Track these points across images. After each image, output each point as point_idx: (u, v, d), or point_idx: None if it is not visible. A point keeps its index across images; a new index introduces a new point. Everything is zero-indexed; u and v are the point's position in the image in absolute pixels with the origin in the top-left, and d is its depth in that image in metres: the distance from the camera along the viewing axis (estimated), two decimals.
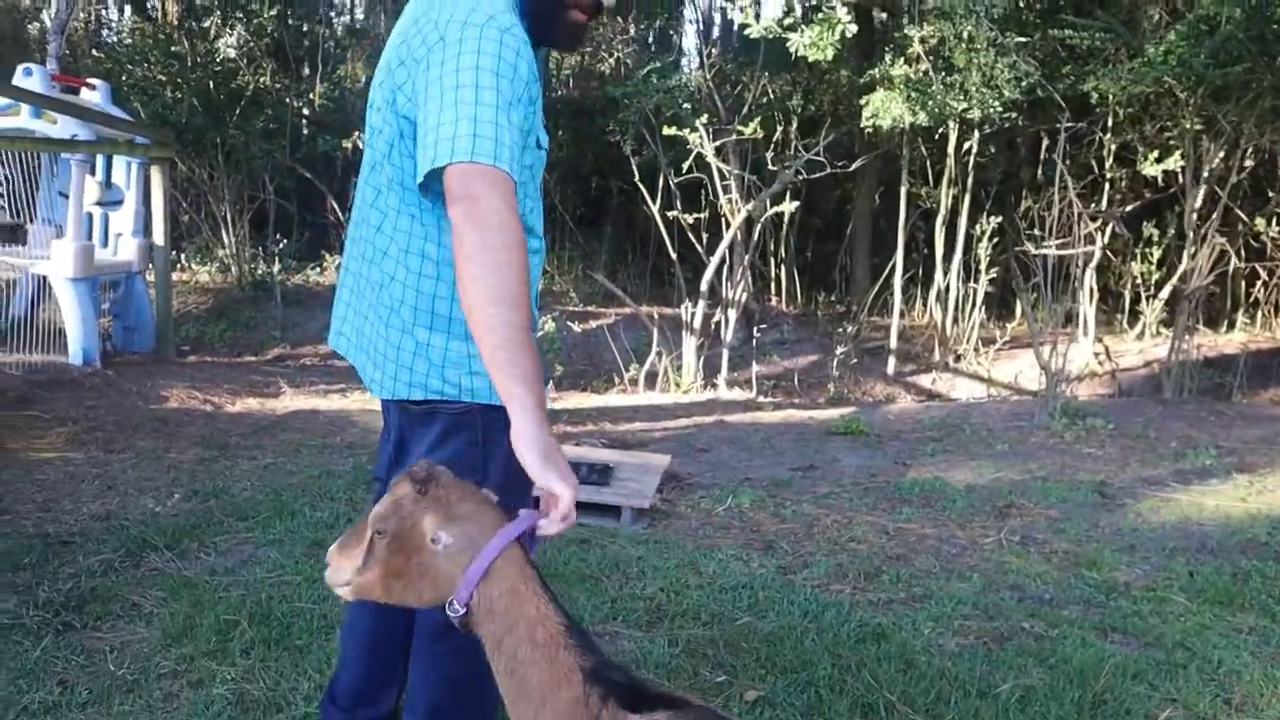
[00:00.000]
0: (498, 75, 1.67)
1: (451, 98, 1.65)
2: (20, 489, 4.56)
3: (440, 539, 1.48)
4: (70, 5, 9.71)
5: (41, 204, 7.87)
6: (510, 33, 1.72)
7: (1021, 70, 8.68)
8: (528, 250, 1.67)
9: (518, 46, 1.72)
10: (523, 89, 1.72)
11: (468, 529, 1.48)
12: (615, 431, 6.38)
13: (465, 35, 1.69)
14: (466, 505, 1.51)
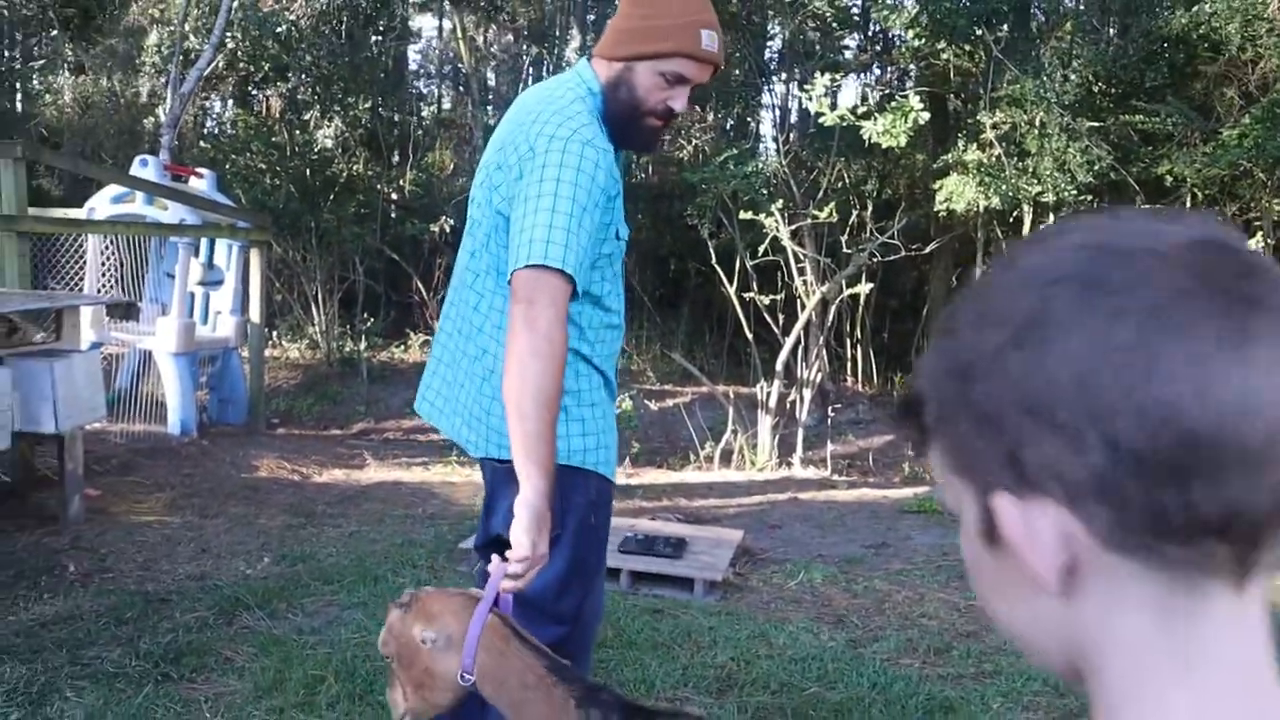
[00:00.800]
0: (576, 185, 1.88)
1: (534, 205, 1.88)
2: (122, 549, 4.82)
3: (427, 639, 1.72)
4: (182, 101, 10.36)
5: (149, 284, 8.34)
6: (591, 145, 1.92)
7: (1094, 154, 8.74)
8: (606, 326, 2.05)
9: (597, 158, 1.92)
10: (600, 195, 1.92)
11: (445, 621, 1.73)
12: (690, 507, 6.47)
13: (551, 148, 1.91)
14: (438, 605, 1.76)
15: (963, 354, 0.58)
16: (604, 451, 2.14)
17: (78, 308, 5.66)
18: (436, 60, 19.16)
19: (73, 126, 13.90)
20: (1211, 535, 0.51)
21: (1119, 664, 0.55)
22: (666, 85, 2.02)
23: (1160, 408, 0.49)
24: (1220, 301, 0.51)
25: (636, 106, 2.03)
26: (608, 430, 2.17)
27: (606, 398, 2.19)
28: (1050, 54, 9.31)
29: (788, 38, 13.81)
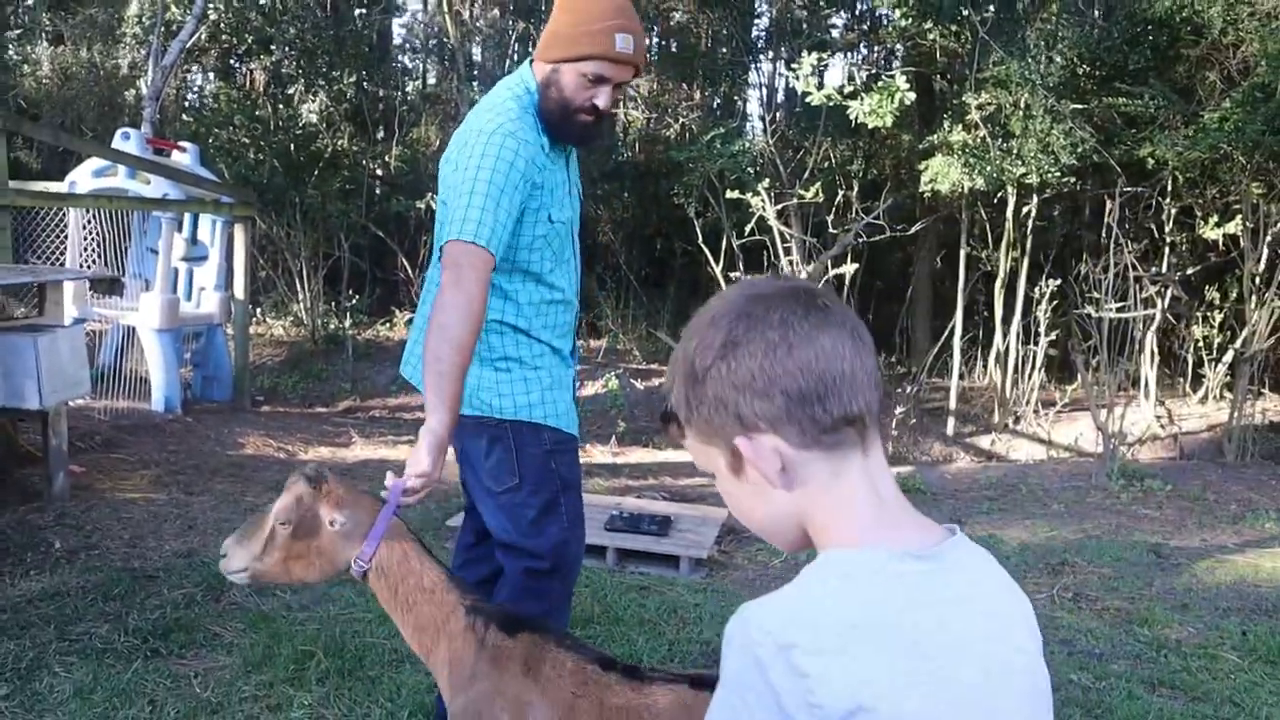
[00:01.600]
0: (494, 171, 2.18)
1: (462, 189, 2.20)
2: (108, 526, 4.83)
3: (336, 521, 1.93)
4: (165, 74, 10.27)
5: (132, 259, 8.29)
6: (512, 136, 2.21)
7: (1077, 136, 8.78)
8: (549, 301, 2.37)
9: (516, 147, 2.20)
10: (518, 179, 2.20)
11: (356, 512, 1.94)
12: (675, 486, 6.51)
13: (476, 141, 2.22)
14: (350, 494, 1.96)
15: (695, 368, 1.00)
16: (551, 406, 2.39)
17: (60, 283, 5.63)
18: (422, 35, 18.99)
19: (52, 98, 13.74)
20: (844, 426, 0.97)
21: (822, 512, 1.00)
22: (590, 85, 2.23)
23: (802, 369, 0.95)
24: (816, 316, 0.98)
25: (566, 105, 2.25)
26: (555, 389, 2.42)
27: (556, 364, 2.44)
28: (1035, 36, 9.33)
29: (775, 16, 13.79)
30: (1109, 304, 8.50)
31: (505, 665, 1.83)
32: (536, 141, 2.26)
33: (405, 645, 3.41)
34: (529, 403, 2.37)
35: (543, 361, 2.40)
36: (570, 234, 2.43)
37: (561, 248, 2.39)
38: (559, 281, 2.40)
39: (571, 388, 2.51)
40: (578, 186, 2.51)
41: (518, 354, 2.37)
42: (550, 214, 2.30)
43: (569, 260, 2.43)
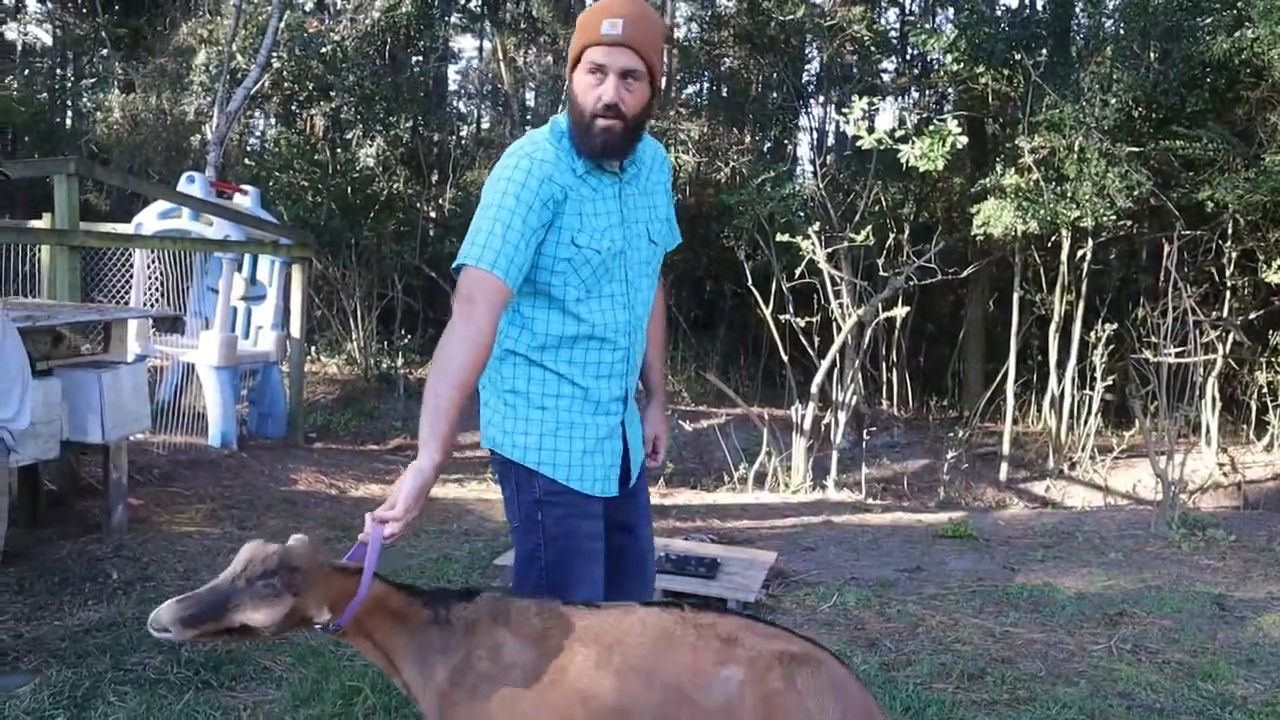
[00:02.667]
0: (504, 193, 2.12)
1: (476, 217, 2.15)
2: (164, 559, 4.90)
3: (321, 621, 1.84)
4: (229, 120, 10.57)
5: (193, 298, 8.49)
6: (525, 155, 2.15)
7: (1133, 179, 8.69)
8: (579, 336, 2.22)
9: (529, 166, 2.13)
10: (531, 197, 2.12)
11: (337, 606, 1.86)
12: (723, 528, 6.47)
13: (495, 172, 2.18)
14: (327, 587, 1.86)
15: None
16: (549, 454, 2.25)
17: (125, 320, 5.78)
18: (476, 80, 19.38)
19: (122, 143, 14.18)
20: None
21: None
22: (595, 83, 2.14)
23: None
24: None
25: (582, 113, 2.16)
26: (562, 434, 2.26)
27: (577, 407, 2.27)
28: (1090, 79, 9.29)
29: (825, 61, 13.87)
30: (1168, 348, 8.35)
31: (473, 626, 1.88)
32: (561, 163, 2.18)
33: None
34: (525, 445, 2.26)
35: (553, 403, 2.26)
36: (615, 266, 2.25)
37: (597, 279, 2.23)
38: (589, 315, 2.23)
39: (608, 435, 2.31)
40: (651, 226, 2.35)
41: (526, 388, 2.26)
42: (574, 238, 2.18)
43: (610, 296, 2.25)
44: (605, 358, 2.27)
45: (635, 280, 2.30)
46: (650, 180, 2.35)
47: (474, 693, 1.84)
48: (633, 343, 2.32)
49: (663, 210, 2.38)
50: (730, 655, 1.80)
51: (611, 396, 2.30)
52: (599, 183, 2.23)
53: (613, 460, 2.32)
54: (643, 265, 2.31)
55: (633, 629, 1.87)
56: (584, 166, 2.20)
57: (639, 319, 2.32)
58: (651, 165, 2.36)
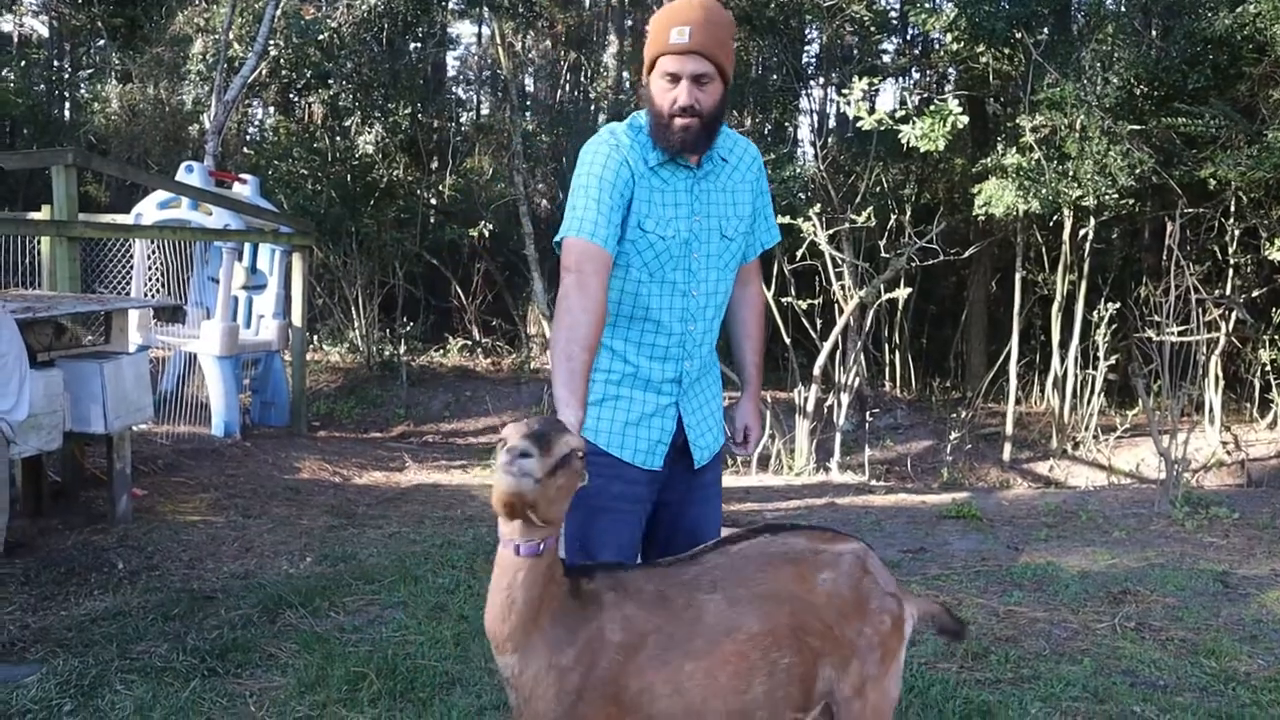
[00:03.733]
0: (587, 173, 2.29)
1: (571, 196, 2.32)
2: (169, 548, 4.92)
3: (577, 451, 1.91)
4: (227, 109, 10.53)
5: (193, 288, 8.49)
6: (603, 141, 2.32)
7: (1135, 158, 8.65)
8: (634, 318, 2.35)
9: (604, 147, 2.30)
10: (610, 175, 2.27)
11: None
12: (727, 511, 6.44)
13: (580, 157, 2.35)
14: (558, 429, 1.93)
15: None
16: (591, 420, 2.35)
17: (126, 311, 5.77)
18: (475, 66, 19.32)
19: (120, 133, 14.15)
20: None
21: None
22: (669, 87, 2.27)
23: None
24: None
25: (658, 114, 2.29)
26: (609, 407, 2.38)
27: (628, 382, 2.39)
28: (1091, 57, 9.23)
29: (825, 42, 13.80)
30: (1171, 327, 8.33)
31: (596, 599, 1.98)
32: (635, 153, 2.32)
33: (455, 668, 3.44)
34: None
35: (603, 376, 2.37)
36: (679, 255, 2.35)
37: (660, 264, 2.34)
38: (648, 297, 2.35)
39: (656, 413, 2.39)
40: (725, 222, 2.40)
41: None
42: (642, 222, 2.31)
43: (671, 283, 2.36)
44: (660, 340, 2.38)
45: (700, 271, 2.38)
46: (735, 178, 2.44)
47: (623, 665, 1.95)
48: (690, 330, 2.40)
49: (744, 208, 2.46)
50: (820, 561, 2.15)
51: (664, 378, 2.40)
52: (670, 175, 2.35)
53: (660, 437, 2.40)
54: (711, 258, 2.39)
55: (741, 564, 2.10)
56: (657, 159, 2.33)
57: (701, 308, 2.40)
58: (738, 164, 2.46)
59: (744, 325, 2.64)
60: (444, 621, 3.97)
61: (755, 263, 2.64)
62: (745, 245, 2.51)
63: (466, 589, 4.39)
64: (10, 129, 16.35)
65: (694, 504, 2.50)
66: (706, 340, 2.45)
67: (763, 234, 2.58)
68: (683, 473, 2.46)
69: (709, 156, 2.38)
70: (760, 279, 2.68)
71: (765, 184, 2.56)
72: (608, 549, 2.35)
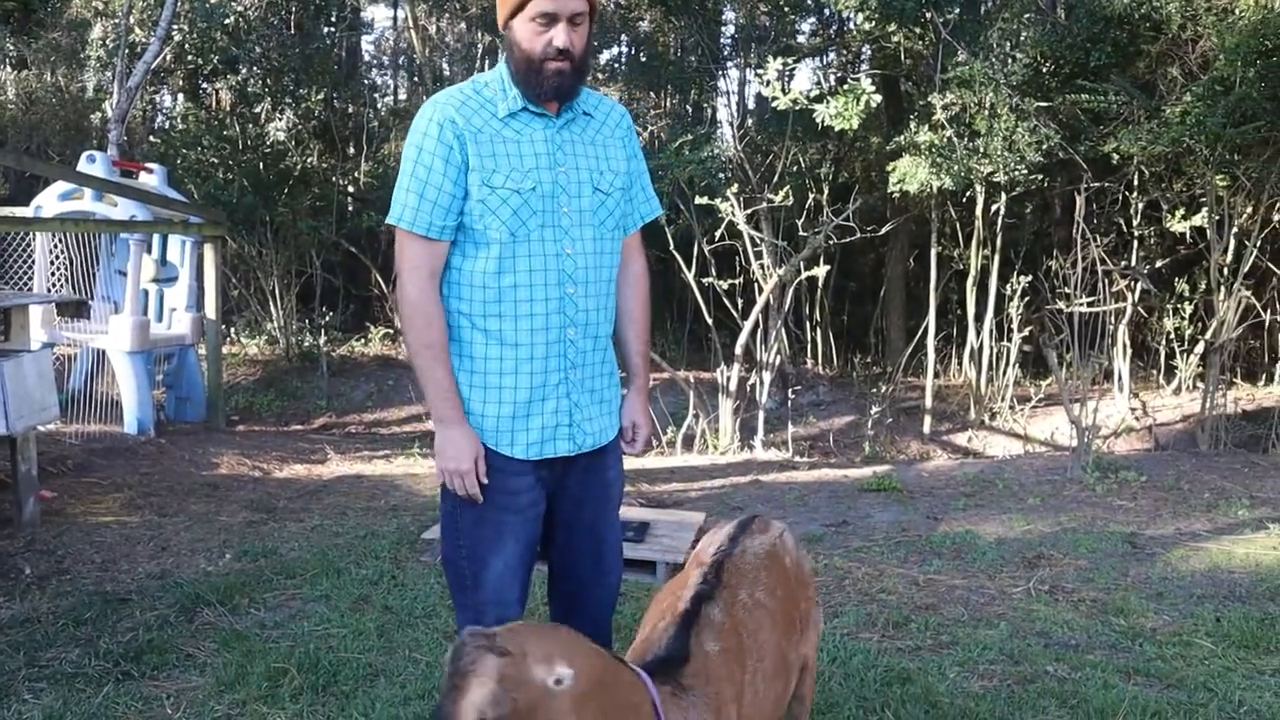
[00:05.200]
0: (412, 145, 2.20)
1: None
2: (80, 550, 4.77)
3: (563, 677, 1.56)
4: (130, 96, 10.21)
5: (100, 282, 8.23)
6: (432, 103, 2.21)
7: (1042, 134, 8.86)
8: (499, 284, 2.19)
9: (431, 113, 2.19)
10: (435, 144, 2.16)
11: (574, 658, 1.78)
12: (653, 492, 6.51)
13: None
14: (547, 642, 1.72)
15: None
16: (475, 418, 2.23)
17: (26, 307, 5.58)
18: (390, 50, 18.98)
19: (17, 123, 13.63)
20: None
21: None
22: (542, 29, 2.14)
23: None
24: None
25: (529, 58, 2.17)
26: (493, 401, 2.23)
27: (504, 368, 2.22)
28: (999, 35, 9.41)
29: (742, 23, 13.85)
30: (1080, 299, 8.57)
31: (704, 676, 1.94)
32: (470, 106, 2.19)
33: (379, 660, 3.41)
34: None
35: (481, 365, 2.23)
36: (543, 211, 2.19)
37: (520, 222, 2.18)
38: (516, 260, 2.19)
39: (543, 397, 2.23)
40: (598, 176, 2.28)
41: (458, 350, 2.24)
42: (488, 179, 2.16)
43: (540, 240, 2.19)
44: (537, 309, 2.20)
45: (572, 229, 2.22)
46: (603, 134, 2.32)
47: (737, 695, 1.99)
48: (570, 294, 2.22)
49: (618, 164, 2.33)
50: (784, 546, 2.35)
51: (548, 352, 2.22)
52: (525, 125, 2.22)
53: (552, 421, 2.24)
54: (584, 213, 2.24)
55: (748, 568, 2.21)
56: (509, 108, 2.21)
57: (580, 269, 2.23)
58: (606, 121, 2.35)
59: (628, 310, 2.43)
60: (367, 613, 3.93)
61: (637, 238, 2.45)
62: (624, 212, 2.36)
63: (390, 579, 4.35)
64: None
65: (592, 501, 2.36)
66: (594, 309, 2.27)
67: (641, 205, 2.44)
68: (578, 463, 2.31)
69: (569, 107, 2.26)
70: (643, 257, 2.48)
71: (638, 148, 2.43)
72: (498, 558, 2.23)
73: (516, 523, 2.25)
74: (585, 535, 2.37)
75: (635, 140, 2.43)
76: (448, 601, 3.97)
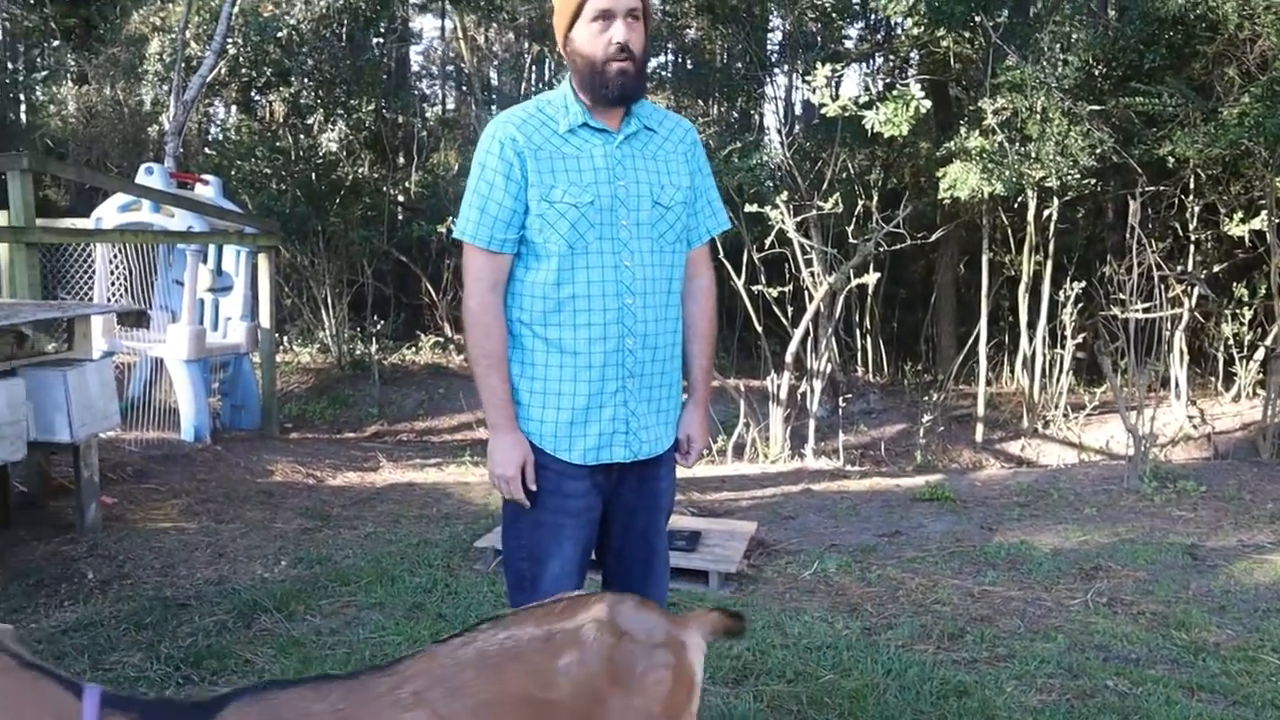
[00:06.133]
0: (476, 163, 2.28)
1: None
2: (140, 555, 4.87)
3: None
4: (186, 109, 10.41)
5: (158, 292, 8.38)
6: (494, 122, 2.28)
7: (1096, 138, 8.74)
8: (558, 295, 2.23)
9: (494, 131, 2.26)
10: (496, 161, 2.23)
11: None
12: (703, 501, 6.50)
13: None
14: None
15: None
16: (535, 424, 2.29)
17: (88, 317, 5.70)
18: (439, 61, 19.18)
19: (78, 136, 13.95)
20: None
21: None
22: (601, 29, 2.18)
23: None
24: None
25: (593, 62, 2.20)
26: (551, 407, 2.28)
27: (564, 375, 2.26)
28: (1049, 39, 9.30)
29: (789, 29, 13.80)
30: (1135, 304, 8.42)
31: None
32: (533, 125, 2.24)
33: None
34: (514, 405, 2.31)
35: (542, 371, 2.27)
36: (602, 224, 2.23)
37: (579, 235, 2.22)
38: (575, 272, 2.23)
39: (600, 405, 2.27)
40: (659, 191, 2.29)
41: (521, 356, 2.30)
42: (548, 194, 2.20)
43: (599, 253, 2.23)
44: (595, 319, 2.24)
45: (631, 241, 2.25)
46: (666, 149, 2.34)
47: None
48: (628, 305, 2.25)
49: (680, 178, 2.34)
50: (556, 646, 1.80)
51: (605, 361, 2.25)
52: (585, 141, 2.26)
53: (609, 429, 2.28)
54: (643, 226, 2.26)
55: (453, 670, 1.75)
56: (570, 125, 2.25)
57: (639, 280, 2.26)
58: (670, 136, 2.37)
59: (692, 323, 2.45)
60: (421, 621, 3.96)
61: (704, 252, 2.47)
62: (687, 224, 2.37)
63: (444, 588, 4.38)
64: None
65: (644, 509, 2.41)
66: (653, 320, 2.29)
67: (707, 218, 2.44)
68: (632, 470, 2.35)
69: (629, 121, 2.29)
70: (711, 271, 2.50)
71: (704, 164, 2.44)
72: (555, 560, 2.30)
73: (573, 526, 2.32)
74: (638, 542, 2.45)
75: (701, 156, 2.45)
76: (501, 610, 4.00)
